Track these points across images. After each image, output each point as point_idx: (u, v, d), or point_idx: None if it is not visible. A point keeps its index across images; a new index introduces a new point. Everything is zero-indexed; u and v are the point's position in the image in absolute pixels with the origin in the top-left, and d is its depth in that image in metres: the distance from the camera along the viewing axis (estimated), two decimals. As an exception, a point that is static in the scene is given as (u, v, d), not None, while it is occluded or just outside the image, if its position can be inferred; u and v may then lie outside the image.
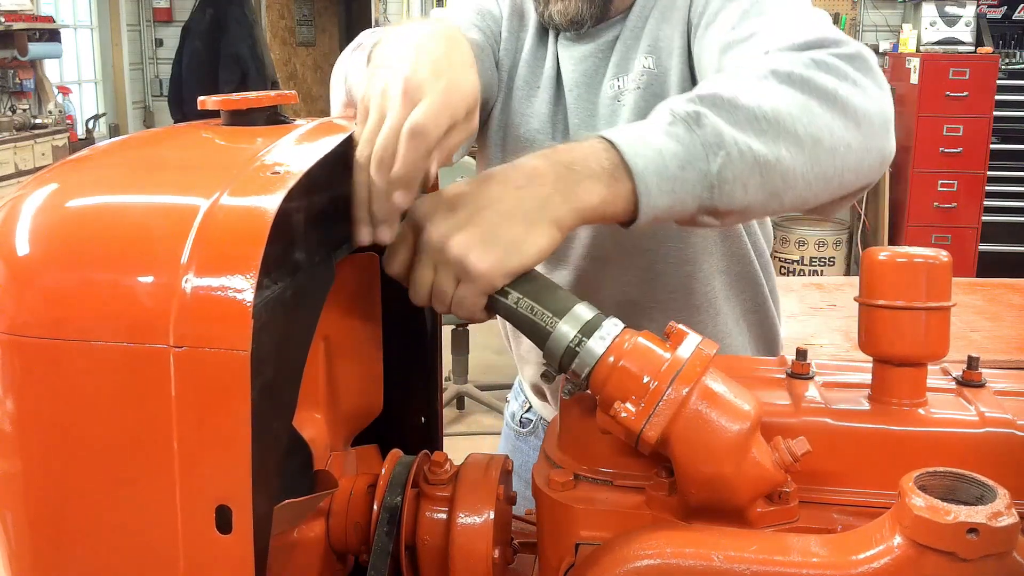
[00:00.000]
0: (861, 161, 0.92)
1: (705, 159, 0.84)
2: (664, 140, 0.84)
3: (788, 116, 0.87)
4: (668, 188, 0.83)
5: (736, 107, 0.86)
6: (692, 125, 0.84)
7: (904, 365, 0.81)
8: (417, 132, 0.76)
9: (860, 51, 0.95)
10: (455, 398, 4.58)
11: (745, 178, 0.85)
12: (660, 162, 0.82)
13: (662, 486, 0.78)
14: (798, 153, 0.87)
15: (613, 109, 1.23)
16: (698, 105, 0.86)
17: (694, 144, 0.84)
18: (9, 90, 6.24)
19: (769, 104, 0.87)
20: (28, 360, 0.62)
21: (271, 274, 0.68)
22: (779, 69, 0.90)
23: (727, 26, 1.08)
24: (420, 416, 1.06)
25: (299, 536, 0.87)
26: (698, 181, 0.84)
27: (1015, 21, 6.46)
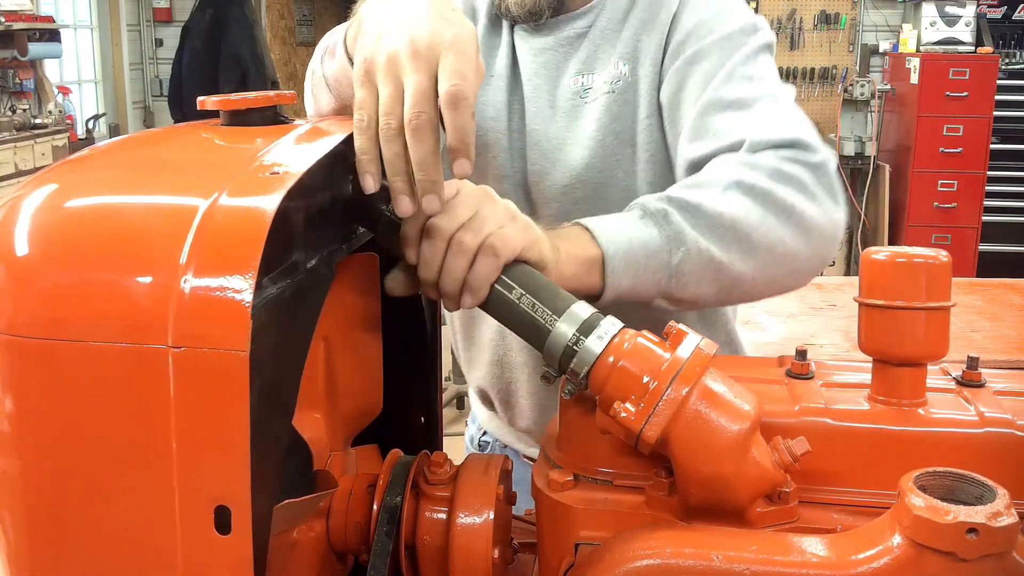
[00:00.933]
0: (805, 268, 1.04)
1: (668, 252, 0.95)
2: (635, 230, 0.95)
3: (746, 226, 0.97)
4: (632, 271, 0.94)
5: (700, 212, 0.97)
6: (660, 220, 0.96)
7: (904, 365, 0.81)
8: (459, 98, 0.76)
9: (824, 161, 1.04)
10: (455, 398, 4.59)
11: (699, 274, 0.96)
12: (630, 248, 0.94)
13: (662, 486, 0.78)
14: (749, 259, 0.98)
15: (575, 105, 1.24)
16: (667, 205, 0.97)
17: (661, 238, 0.95)
18: (9, 90, 6.23)
19: (730, 213, 0.97)
20: (27, 360, 0.62)
21: (271, 274, 0.67)
22: (744, 181, 0.99)
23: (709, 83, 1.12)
24: (420, 416, 1.06)
25: (299, 536, 0.86)
26: (660, 270, 0.95)
27: (1015, 21, 6.47)
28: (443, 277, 0.83)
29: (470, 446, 1.57)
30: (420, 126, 0.76)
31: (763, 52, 1.17)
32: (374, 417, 0.99)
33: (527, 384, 1.36)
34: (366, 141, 0.79)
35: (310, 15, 9.05)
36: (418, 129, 0.76)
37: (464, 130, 0.77)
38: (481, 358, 1.41)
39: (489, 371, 1.40)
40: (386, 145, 0.78)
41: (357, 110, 0.80)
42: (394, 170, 0.79)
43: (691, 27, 1.17)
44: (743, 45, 1.15)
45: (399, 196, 0.80)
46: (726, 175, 1.00)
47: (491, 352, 1.38)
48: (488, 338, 1.38)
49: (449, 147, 0.78)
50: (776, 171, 1.00)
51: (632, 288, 0.94)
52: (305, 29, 8.97)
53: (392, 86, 0.78)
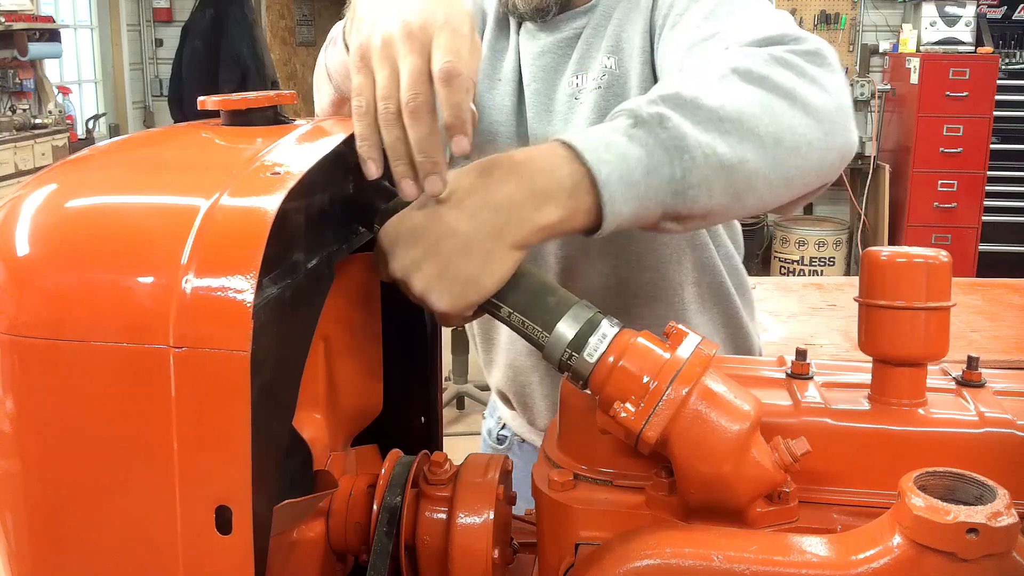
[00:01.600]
0: (823, 159, 0.90)
1: (670, 164, 0.81)
2: (627, 145, 0.81)
3: (751, 116, 0.85)
4: (633, 195, 0.80)
5: (699, 107, 0.84)
6: (655, 128, 0.82)
7: (904, 365, 0.81)
8: (452, 75, 0.75)
9: (819, 47, 0.94)
10: (455, 398, 4.58)
11: (710, 182, 0.83)
12: (625, 169, 0.80)
13: (662, 486, 0.78)
14: (761, 154, 0.85)
15: (570, 107, 1.23)
16: (660, 106, 0.84)
17: (658, 148, 0.81)
18: (9, 90, 6.23)
19: (732, 104, 0.85)
20: (28, 360, 0.62)
21: (271, 274, 0.68)
22: (739, 67, 0.88)
23: (691, 26, 1.07)
24: (420, 416, 1.06)
25: (299, 536, 0.86)
26: (663, 187, 0.81)
27: (1015, 21, 6.46)
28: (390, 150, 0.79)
29: (488, 439, 1.56)
30: (417, 108, 0.76)
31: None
32: (374, 417, 0.99)
33: (541, 386, 1.36)
34: (366, 127, 0.78)
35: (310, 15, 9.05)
36: (415, 111, 0.76)
37: (459, 107, 0.76)
38: (498, 360, 1.41)
39: (505, 373, 1.40)
40: (386, 130, 0.78)
41: (355, 96, 0.79)
42: (396, 155, 0.78)
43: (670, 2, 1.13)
44: None
45: (402, 180, 0.79)
46: (718, 63, 0.90)
47: (505, 355, 1.38)
48: (502, 341, 1.38)
49: (445, 124, 0.77)
50: (770, 57, 0.90)
51: (634, 215, 0.82)
52: (305, 29, 8.97)
53: (388, 69, 0.77)
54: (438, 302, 0.79)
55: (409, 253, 0.79)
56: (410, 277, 0.79)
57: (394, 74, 0.77)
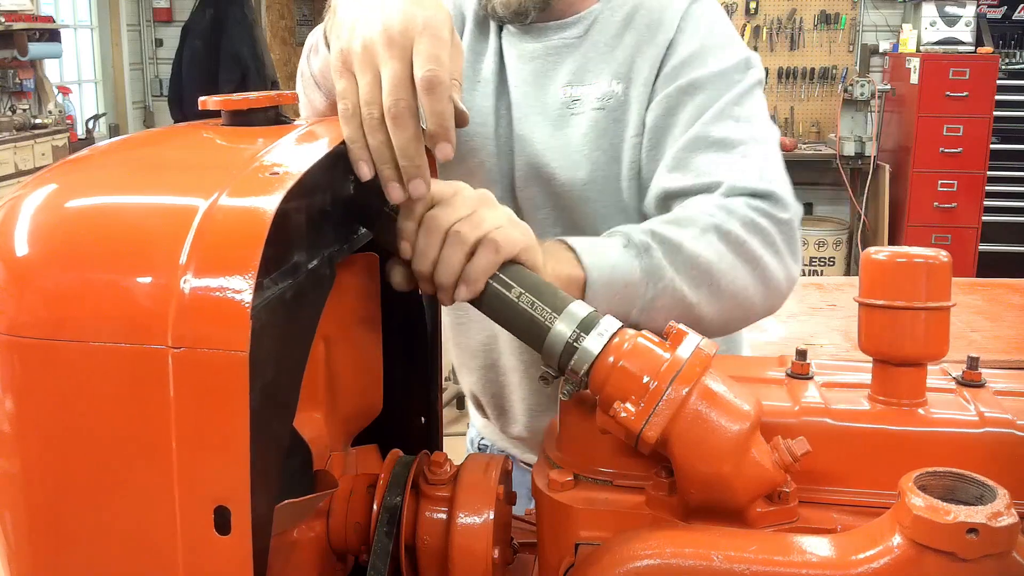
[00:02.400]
0: (756, 315, 1.10)
1: (644, 285, 0.99)
2: (618, 258, 0.99)
3: (718, 271, 1.03)
4: (608, 297, 0.97)
5: (680, 252, 1.01)
6: (642, 254, 1.00)
7: (904, 365, 0.81)
8: (435, 83, 0.77)
9: (792, 219, 1.10)
10: (455, 398, 4.58)
11: (668, 310, 1.00)
12: (611, 276, 0.97)
13: (662, 486, 0.78)
14: (714, 302, 1.03)
15: (562, 115, 1.24)
16: (650, 239, 1.01)
17: (640, 270, 0.99)
18: (9, 90, 6.23)
19: (706, 257, 1.02)
20: (27, 360, 0.62)
21: (272, 275, 0.67)
22: (721, 226, 1.04)
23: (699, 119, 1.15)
24: (420, 416, 1.06)
25: (299, 536, 0.86)
26: (633, 300, 0.99)
27: (1015, 21, 6.46)
28: (439, 268, 0.83)
29: (470, 448, 1.57)
30: (399, 114, 0.77)
31: (755, 89, 1.20)
32: (374, 417, 0.99)
33: (519, 388, 1.36)
34: (353, 130, 0.80)
35: (310, 15, 9.05)
36: (397, 117, 0.77)
37: (442, 115, 0.78)
38: (472, 363, 1.41)
39: (481, 376, 1.40)
40: (370, 135, 0.79)
41: (340, 100, 0.81)
42: (381, 159, 0.80)
43: (687, 55, 1.18)
44: (736, 84, 1.17)
45: (388, 184, 0.81)
46: (705, 217, 1.05)
47: (482, 357, 1.38)
48: (478, 342, 1.38)
49: (428, 132, 0.79)
50: (749, 222, 1.05)
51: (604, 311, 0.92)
52: (305, 29, 8.96)
53: (370, 75, 0.79)
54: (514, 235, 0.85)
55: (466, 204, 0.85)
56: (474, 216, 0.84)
57: (376, 80, 0.79)
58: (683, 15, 1.21)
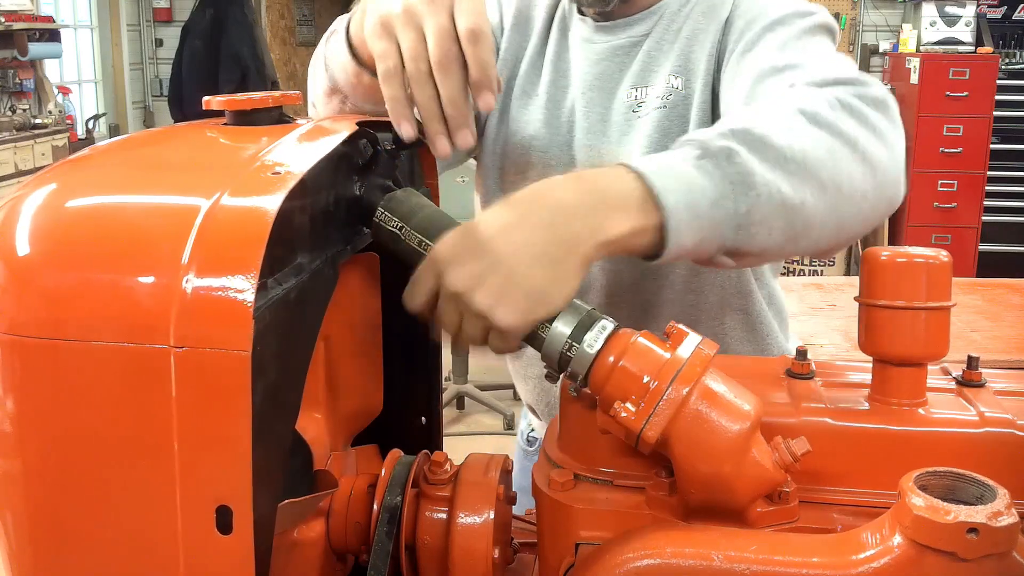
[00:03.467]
0: (873, 209, 0.90)
1: (735, 198, 0.81)
2: (695, 175, 0.81)
3: (815, 160, 0.85)
4: (697, 226, 0.80)
5: (767, 146, 0.84)
6: (723, 161, 0.82)
7: (904, 365, 0.81)
8: (477, 34, 0.80)
9: (884, 96, 0.95)
10: (455, 398, 4.58)
11: (771, 221, 0.83)
12: (691, 199, 0.79)
13: (662, 486, 0.78)
14: (821, 198, 0.85)
15: (627, 119, 1.19)
16: (730, 140, 0.83)
17: (725, 182, 0.81)
18: (9, 90, 6.23)
19: (799, 146, 0.85)
20: (28, 360, 0.62)
21: (275, 275, 0.68)
22: (807, 109, 0.88)
23: (762, 56, 1.07)
24: (420, 416, 1.06)
25: (299, 536, 0.87)
26: (726, 220, 0.81)
27: (1015, 21, 6.46)
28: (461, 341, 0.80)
29: (520, 439, 1.55)
30: (448, 63, 0.81)
31: (818, 32, 1.09)
32: (374, 417, 0.99)
33: None
34: (395, 89, 0.83)
35: (310, 15, 9.04)
36: (446, 66, 0.81)
37: (487, 63, 0.81)
38: (527, 371, 1.38)
39: (536, 384, 1.37)
40: (419, 89, 0.82)
41: (380, 61, 0.83)
42: (429, 113, 0.83)
43: (742, 25, 1.13)
44: (794, 24, 1.08)
45: (436, 138, 0.83)
46: (787, 102, 0.90)
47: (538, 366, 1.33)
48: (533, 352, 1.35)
49: (472, 82, 0.82)
50: (836, 101, 0.90)
51: (695, 245, 0.81)
52: (305, 29, 8.96)
53: (414, 32, 0.82)
54: (504, 317, 0.75)
55: (471, 267, 0.76)
56: (473, 292, 0.75)
57: (420, 36, 0.82)
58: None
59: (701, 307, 1.24)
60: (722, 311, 1.26)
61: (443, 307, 0.78)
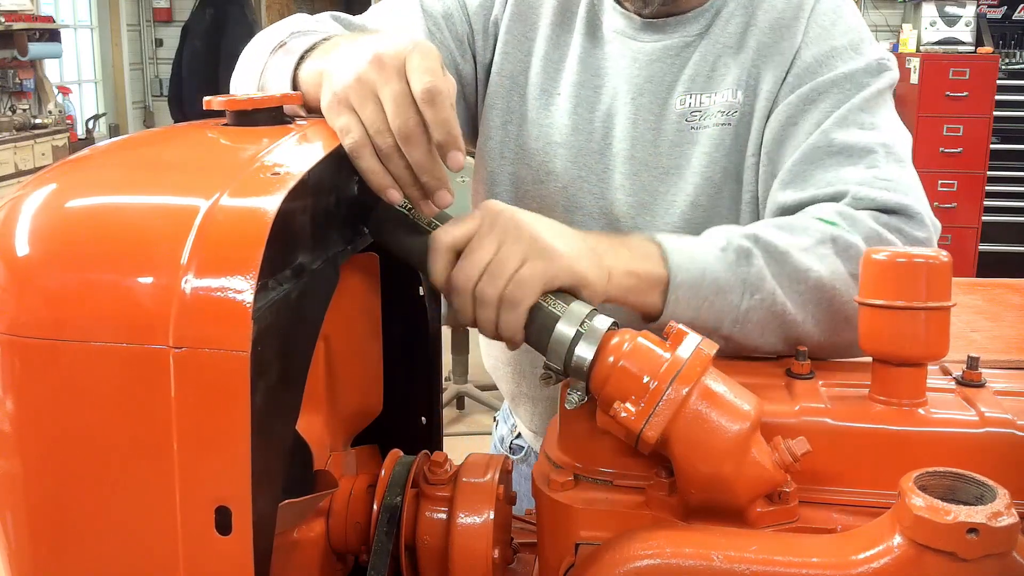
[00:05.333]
0: None
1: (739, 295, 0.89)
2: (713, 263, 0.89)
3: (829, 289, 0.91)
4: (695, 305, 0.89)
5: (785, 263, 0.91)
6: (742, 259, 0.90)
7: (904, 365, 0.81)
8: (433, 94, 0.77)
9: (929, 239, 0.97)
10: (455, 398, 4.58)
11: (765, 325, 0.91)
12: (700, 280, 0.88)
13: (662, 486, 0.78)
14: (822, 321, 0.92)
15: (681, 129, 1.12)
16: (753, 244, 0.91)
17: (736, 278, 0.89)
18: (9, 90, 6.24)
19: (816, 272, 0.91)
20: (28, 361, 0.62)
21: (275, 276, 0.68)
22: (841, 238, 0.93)
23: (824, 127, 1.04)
24: (420, 416, 1.06)
25: (299, 536, 0.86)
26: (725, 311, 0.90)
27: (1015, 21, 6.46)
28: (480, 329, 0.84)
29: (499, 446, 1.47)
30: (409, 132, 0.78)
31: (886, 94, 1.08)
32: (374, 417, 0.99)
33: None
34: (369, 161, 0.80)
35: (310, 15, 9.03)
36: (409, 136, 0.78)
37: (447, 123, 0.79)
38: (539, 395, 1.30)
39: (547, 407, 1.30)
40: (390, 163, 0.80)
41: (344, 136, 0.81)
42: (405, 182, 0.81)
43: (811, 60, 1.07)
44: (865, 87, 1.06)
45: (418, 203, 0.83)
46: (822, 226, 0.93)
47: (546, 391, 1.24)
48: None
49: (437, 144, 0.79)
50: (875, 236, 0.93)
51: (691, 321, 0.85)
52: (305, 29, 8.95)
53: (371, 103, 0.80)
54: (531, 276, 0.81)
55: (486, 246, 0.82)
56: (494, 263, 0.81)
57: (378, 107, 0.79)
58: (810, 15, 1.09)
59: None
60: None
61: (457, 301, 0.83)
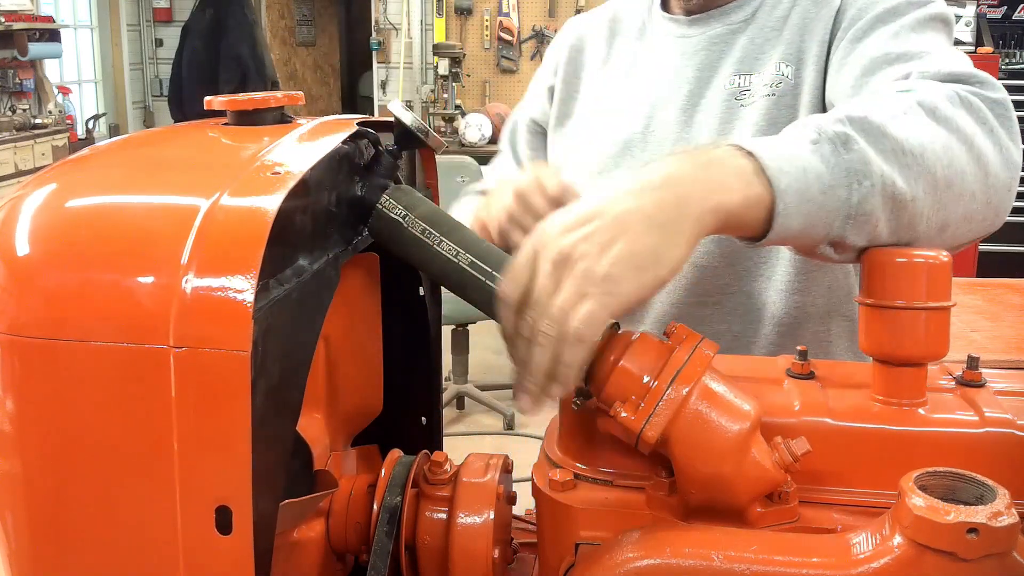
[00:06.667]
0: (979, 214, 0.88)
1: (848, 187, 0.79)
2: (810, 159, 0.79)
3: (932, 155, 0.83)
4: (806, 211, 0.78)
5: (885, 136, 0.82)
6: (839, 147, 0.80)
7: (904, 365, 0.81)
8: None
9: (1004, 97, 0.92)
10: (455, 398, 4.58)
11: (879, 212, 0.81)
12: (804, 182, 0.78)
13: (662, 486, 0.78)
14: (931, 194, 0.83)
15: (730, 107, 1.17)
16: (847, 127, 0.82)
17: (840, 169, 0.79)
18: (9, 90, 6.24)
19: (916, 139, 0.83)
20: (28, 360, 0.62)
21: (276, 276, 0.68)
22: (924, 101, 0.86)
23: (875, 43, 1.06)
24: (420, 416, 1.06)
25: (299, 536, 0.87)
26: (837, 209, 0.79)
27: (1015, 21, 6.46)
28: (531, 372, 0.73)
29: None
30: None
31: (935, 23, 1.07)
32: (374, 417, 0.99)
33: None
34: None
35: (310, 15, 9.05)
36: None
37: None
38: None
39: None
40: None
41: None
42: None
43: (854, 13, 1.11)
44: (909, 14, 1.06)
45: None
46: (905, 95, 0.88)
47: None
48: None
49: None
50: (955, 97, 0.88)
51: (801, 230, 0.79)
52: (305, 29, 8.97)
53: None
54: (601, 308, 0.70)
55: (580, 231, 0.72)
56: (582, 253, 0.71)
57: None
58: None
59: (807, 309, 1.19)
60: (829, 316, 1.21)
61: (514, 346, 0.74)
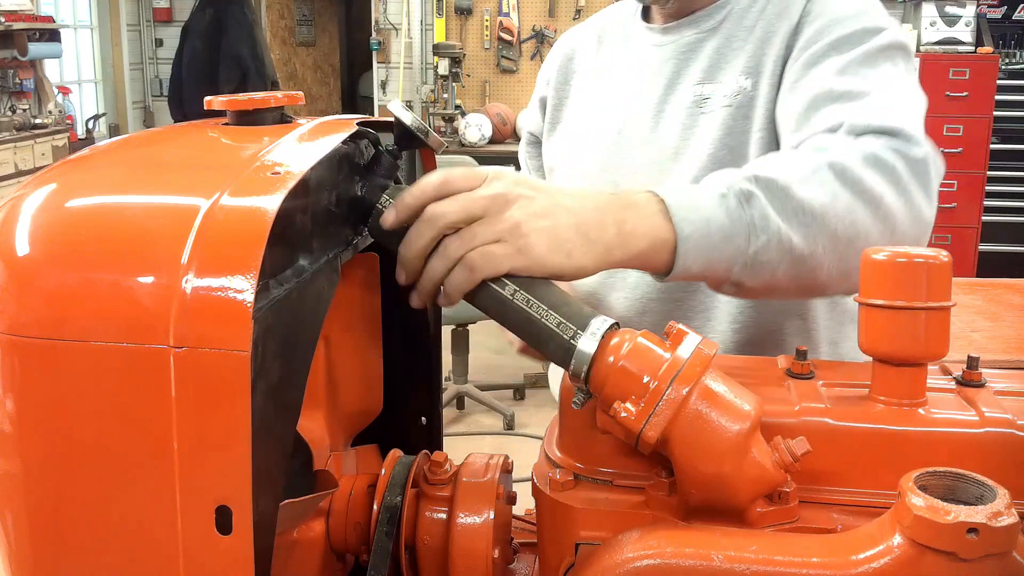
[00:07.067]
0: None
1: (746, 238, 0.88)
2: (715, 210, 0.88)
3: (833, 215, 0.91)
4: (705, 256, 0.87)
5: (788, 197, 0.90)
6: (743, 203, 0.89)
7: (904, 365, 0.81)
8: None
9: (925, 154, 0.98)
10: (455, 398, 4.58)
11: (776, 263, 0.90)
12: (706, 230, 0.87)
13: (662, 486, 0.78)
14: (831, 251, 0.92)
15: (691, 114, 1.22)
16: (753, 185, 0.90)
17: (740, 222, 0.88)
18: (9, 90, 6.24)
19: (819, 200, 0.91)
20: (28, 360, 0.62)
21: (276, 276, 0.68)
22: (835, 163, 0.93)
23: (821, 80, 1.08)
24: (420, 416, 1.06)
25: (299, 536, 0.87)
26: (733, 256, 0.89)
27: (1015, 21, 6.46)
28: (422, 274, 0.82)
29: None
30: None
31: (885, 53, 1.10)
32: (374, 417, 0.99)
33: None
34: None
35: (310, 15, 9.05)
36: None
37: None
38: None
39: None
40: None
41: None
42: None
43: (812, 33, 1.14)
44: (861, 44, 1.10)
45: None
46: (818, 154, 0.95)
47: None
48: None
49: None
50: (871, 156, 0.94)
51: (701, 272, 0.88)
52: (305, 29, 8.97)
53: None
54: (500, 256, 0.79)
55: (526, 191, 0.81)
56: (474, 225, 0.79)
57: None
58: None
59: (760, 310, 1.23)
60: (781, 315, 1.25)
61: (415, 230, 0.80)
